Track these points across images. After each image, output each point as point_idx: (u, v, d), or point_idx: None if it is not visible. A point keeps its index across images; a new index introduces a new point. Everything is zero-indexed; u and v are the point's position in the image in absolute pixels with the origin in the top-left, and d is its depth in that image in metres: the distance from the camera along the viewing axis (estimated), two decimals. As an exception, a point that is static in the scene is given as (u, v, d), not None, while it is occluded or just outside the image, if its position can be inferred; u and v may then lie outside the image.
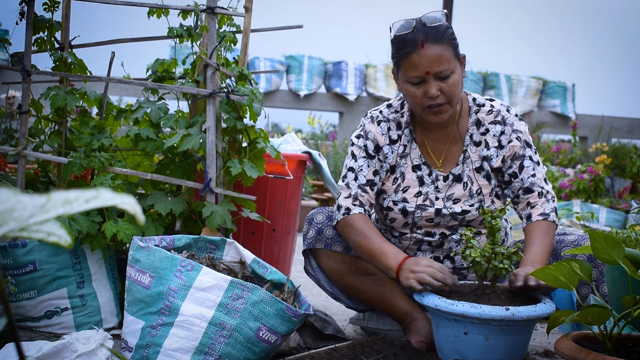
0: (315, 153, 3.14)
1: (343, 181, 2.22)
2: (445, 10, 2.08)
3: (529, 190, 2.17)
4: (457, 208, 2.19)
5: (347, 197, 2.18)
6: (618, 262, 1.56)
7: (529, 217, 2.14)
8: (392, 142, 2.24)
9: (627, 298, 1.54)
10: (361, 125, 2.27)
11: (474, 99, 2.26)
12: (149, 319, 1.85)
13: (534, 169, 2.18)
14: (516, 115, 2.23)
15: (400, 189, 2.22)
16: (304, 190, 6.49)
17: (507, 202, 2.29)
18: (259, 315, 1.83)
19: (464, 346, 1.79)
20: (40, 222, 0.56)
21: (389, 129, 2.24)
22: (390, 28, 2.09)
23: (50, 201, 0.54)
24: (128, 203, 0.58)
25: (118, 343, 2.10)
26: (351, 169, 2.22)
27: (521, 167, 2.18)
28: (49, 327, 2.27)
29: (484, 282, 1.91)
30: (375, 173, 2.22)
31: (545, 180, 2.19)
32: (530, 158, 2.19)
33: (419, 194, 2.21)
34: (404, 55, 2.04)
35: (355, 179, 2.20)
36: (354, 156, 2.23)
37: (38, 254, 2.24)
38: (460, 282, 2.03)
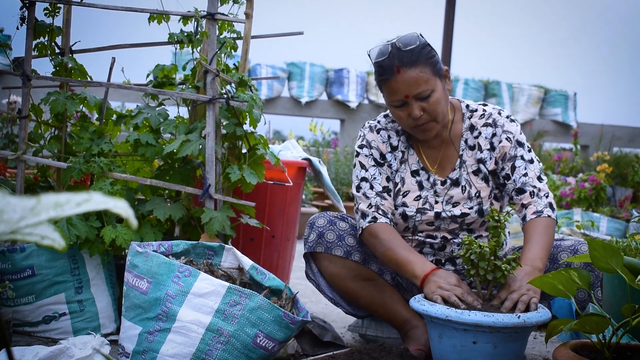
0: (315, 160, 3.13)
1: (358, 191, 2.23)
2: (419, 33, 2.12)
3: (521, 191, 2.17)
4: (457, 211, 2.22)
5: (369, 207, 2.19)
6: (617, 270, 1.55)
7: (524, 218, 2.16)
8: (393, 148, 2.28)
9: (626, 307, 1.53)
10: (361, 136, 2.31)
11: (467, 106, 2.29)
12: (146, 324, 1.84)
13: (525, 168, 2.18)
14: (507, 117, 2.25)
15: (401, 193, 2.26)
16: (304, 197, 6.48)
17: (507, 206, 2.30)
18: (256, 321, 1.82)
19: (471, 355, 1.78)
20: (33, 225, 0.55)
21: (388, 136, 2.29)
22: (369, 55, 2.15)
23: (40, 204, 0.53)
24: (120, 207, 0.58)
25: (116, 349, 2.09)
26: (364, 179, 2.24)
27: (513, 168, 2.19)
28: (47, 332, 2.27)
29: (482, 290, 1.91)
30: (388, 179, 2.25)
31: (539, 177, 2.19)
32: (522, 157, 2.19)
33: (418, 197, 2.24)
34: (383, 82, 2.11)
35: (371, 187, 2.22)
36: (363, 166, 2.26)
37: (36, 259, 2.24)
38: None
